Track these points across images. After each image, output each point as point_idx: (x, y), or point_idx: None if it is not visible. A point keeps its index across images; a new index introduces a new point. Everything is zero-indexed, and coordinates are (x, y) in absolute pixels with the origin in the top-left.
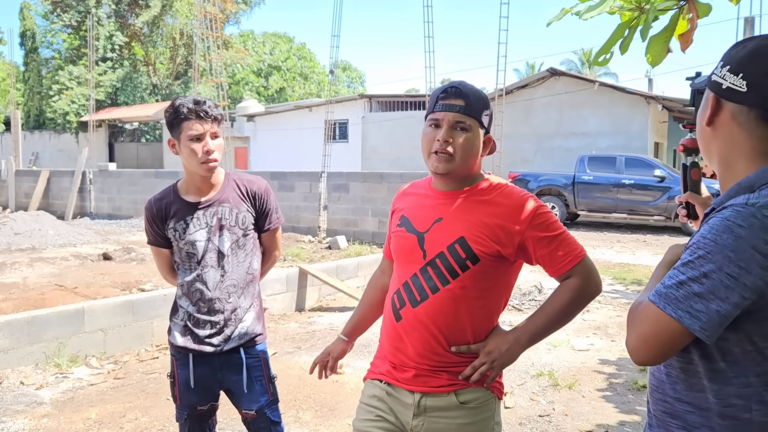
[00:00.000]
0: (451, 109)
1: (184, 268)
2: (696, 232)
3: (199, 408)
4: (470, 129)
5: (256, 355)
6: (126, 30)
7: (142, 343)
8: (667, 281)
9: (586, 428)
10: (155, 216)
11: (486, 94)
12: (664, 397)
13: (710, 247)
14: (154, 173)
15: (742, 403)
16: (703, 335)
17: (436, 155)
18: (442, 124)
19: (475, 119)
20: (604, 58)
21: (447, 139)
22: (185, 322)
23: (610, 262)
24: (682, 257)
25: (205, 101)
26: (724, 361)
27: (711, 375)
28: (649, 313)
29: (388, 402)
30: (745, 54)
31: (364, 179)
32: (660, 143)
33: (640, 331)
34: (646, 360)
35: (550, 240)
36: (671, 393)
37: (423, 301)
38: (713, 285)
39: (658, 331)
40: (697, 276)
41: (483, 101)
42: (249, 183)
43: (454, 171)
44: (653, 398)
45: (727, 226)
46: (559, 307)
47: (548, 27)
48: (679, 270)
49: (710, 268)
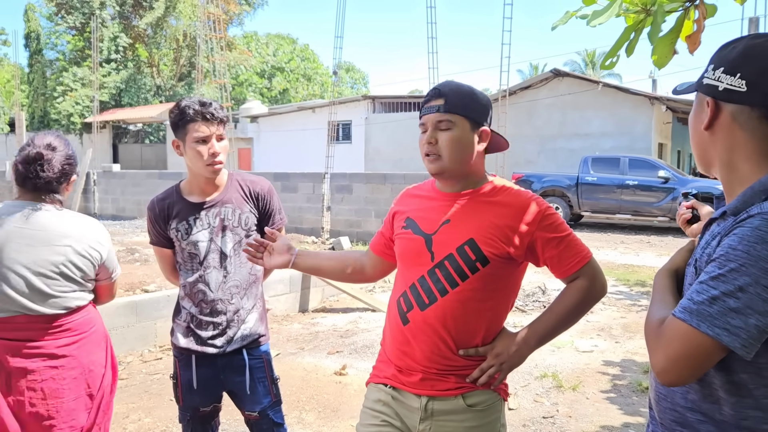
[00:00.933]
0: (431, 110)
1: (187, 269)
2: (708, 239)
3: (201, 409)
4: (453, 126)
5: (259, 356)
6: (130, 31)
7: (146, 343)
8: (696, 297)
9: (590, 430)
10: (158, 216)
11: (471, 89)
12: (674, 407)
13: (743, 259)
14: (158, 174)
15: (761, 415)
16: (744, 352)
17: (427, 157)
18: (428, 127)
19: (459, 114)
20: (611, 61)
21: (430, 141)
22: (188, 324)
23: (614, 263)
24: (707, 270)
25: (210, 103)
26: (745, 372)
27: (728, 387)
28: (679, 331)
29: (393, 406)
30: (738, 54)
31: (368, 180)
32: (664, 144)
33: (669, 351)
34: (677, 381)
35: (559, 241)
36: (682, 402)
37: (432, 303)
38: (750, 299)
39: (691, 351)
40: (731, 290)
41: (466, 96)
42: (252, 184)
43: (446, 169)
44: (661, 407)
45: (760, 237)
46: (566, 308)
47: (553, 31)
48: (708, 284)
49: (745, 282)
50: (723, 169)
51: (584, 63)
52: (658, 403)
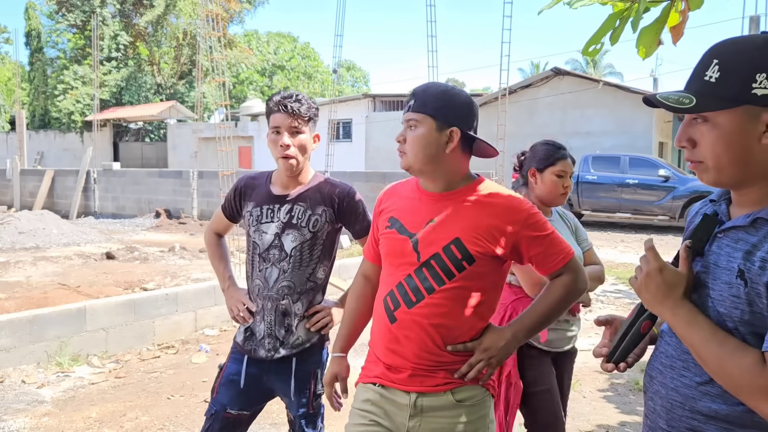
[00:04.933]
0: (405, 110)
1: (248, 259)
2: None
3: (228, 410)
4: (418, 124)
5: (308, 367)
6: (130, 30)
7: (144, 342)
8: None
9: (586, 429)
10: (241, 191)
11: (449, 90)
12: (693, 415)
13: None
14: (158, 173)
15: None
16: None
17: (400, 154)
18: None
19: (425, 114)
20: (594, 48)
21: (399, 139)
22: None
23: (614, 261)
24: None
25: (293, 96)
26: None
27: None
28: None
29: (382, 405)
30: None
31: (368, 179)
32: (664, 143)
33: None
34: None
35: (542, 239)
36: (704, 410)
37: (419, 301)
38: None
39: None
40: None
41: (436, 96)
42: (333, 187)
43: (410, 166)
44: (675, 414)
45: None
46: (552, 303)
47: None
48: None
49: None
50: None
51: (585, 61)
52: (673, 410)
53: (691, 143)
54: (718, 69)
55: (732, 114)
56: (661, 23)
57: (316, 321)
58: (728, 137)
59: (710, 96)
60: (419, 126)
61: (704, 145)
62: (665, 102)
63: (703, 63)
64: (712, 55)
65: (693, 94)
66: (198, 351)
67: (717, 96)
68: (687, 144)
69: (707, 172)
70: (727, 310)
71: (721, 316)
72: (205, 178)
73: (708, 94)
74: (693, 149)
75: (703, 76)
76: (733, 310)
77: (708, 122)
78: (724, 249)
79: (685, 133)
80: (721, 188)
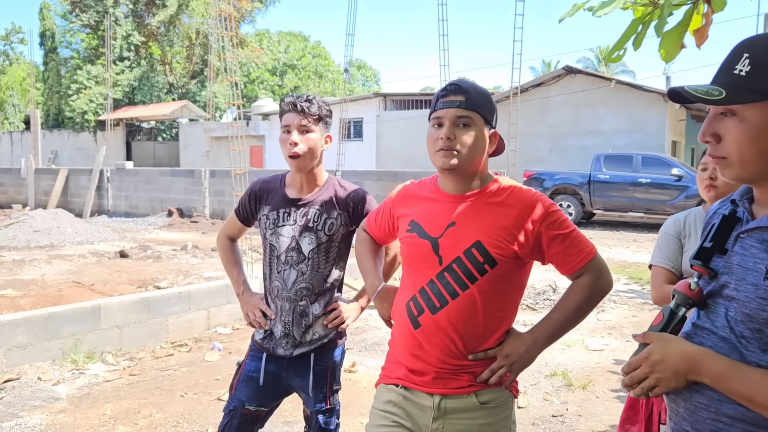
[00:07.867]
0: (451, 105)
1: (265, 261)
2: None
3: (246, 406)
4: (473, 123)
5: (326, 363)
6: (143, 29)
7: (158, 340)
8: None
9: (599, 429)
10: (256, 195)
11: (486, 90)
12: (718, 417)
13: None
14: (171, 172)
15: None
16: None
17: (442, 152)
18: (445, 122)
19: (478, 113)
20: (617, 54)
21: (449, 136)
22: None
23: (626, 261)
24: None
25: (303, 96)
26: None
27: None
28: None
29: (404, 406)
30: None
31: (379, 178)
32: (677, 142)
33: None
34: None
35: (563, 238)
36: (731, 412)
37: (443, 307)
38: None
39: None
40: None
41: (484, 96)
42: (347, 191)
43: (461, 166)
44: (699, 417)
45: None
46: (573, 306)
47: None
48: None
49: None
50: None
51: (597, 60)
52: (697, 412)
53: (715, 138)
54: (749, 63)
55: (761, 107)
56: (683, 27)
57: (333, 318)
58: (755, 130)
59: (740, 89)
60: (473, 125)
61: (729, 140)
62: (694, 93)
63: (732, 57)
64: (743, 50)
65: (722, 86)
66: (211, 349)
67: (747, 89)
68: (711, 138)
69: (730, 167)
70: (753, 312)
71: (739, 318)
72: (217, 177)
73: (738, 86)
74: (717, 144)
75: (733, 70)
76: (760, 312)
77: (735, 116)
78: (749, 250)
79: (710, 127)
80: (742, 184)
